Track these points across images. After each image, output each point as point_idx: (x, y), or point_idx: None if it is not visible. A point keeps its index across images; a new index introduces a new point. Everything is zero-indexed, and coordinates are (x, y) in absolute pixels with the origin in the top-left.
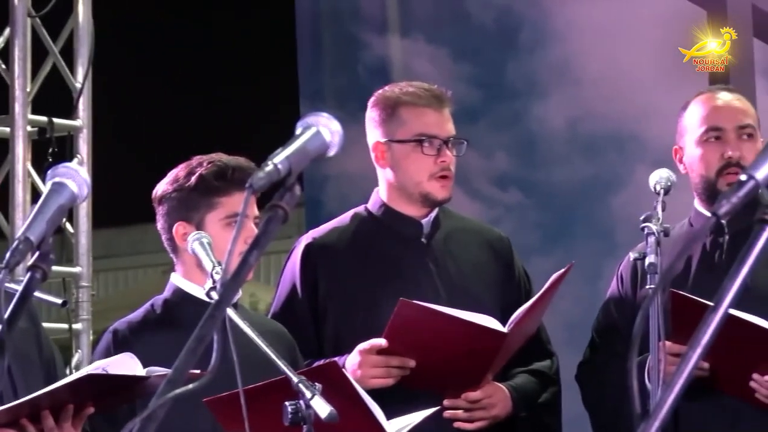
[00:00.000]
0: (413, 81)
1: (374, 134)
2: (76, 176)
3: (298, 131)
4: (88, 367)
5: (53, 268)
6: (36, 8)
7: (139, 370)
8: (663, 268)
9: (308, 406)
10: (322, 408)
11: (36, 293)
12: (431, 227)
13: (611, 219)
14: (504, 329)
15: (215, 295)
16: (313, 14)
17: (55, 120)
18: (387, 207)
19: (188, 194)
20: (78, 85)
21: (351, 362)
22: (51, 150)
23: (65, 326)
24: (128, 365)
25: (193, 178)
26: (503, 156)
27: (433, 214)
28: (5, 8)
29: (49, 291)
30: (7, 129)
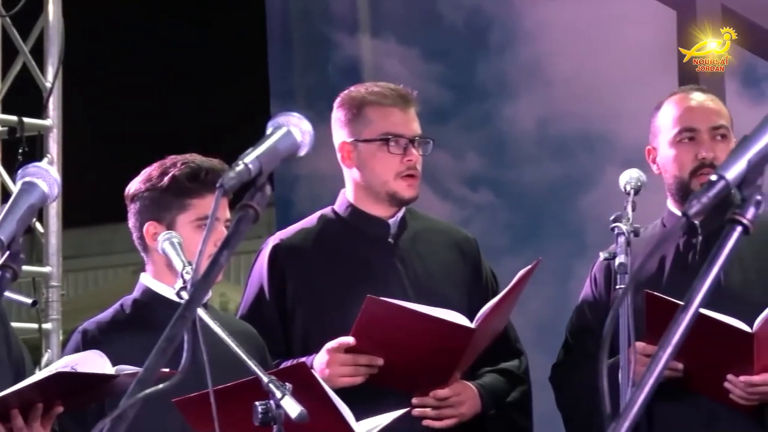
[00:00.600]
0: (383, 81)
1: (340, 134)
2: (47, 176)
3: (269, 131)
4: (57, 365)
5: (23, 268)
6: (6, 8)
7: (108, 368)
8: (633, 269)
9: (278, 406)
10: (293, 408)
11: (6, 293)
12: (398, 227)
13: (581, 219)
14: (472, 325)
15: (185, 295)
16: (284, 14)
17: (26, 119)
18: (354, 207)
19: (160, 194)
20: (48, 85)
21: (319, 361)
22: (21, 150)
23: (35, 326)
24: (97, 363)
25: (166, 179)
26: (473, 156)
27: (400, 215)
28: None
29: (19, 291)
30: None
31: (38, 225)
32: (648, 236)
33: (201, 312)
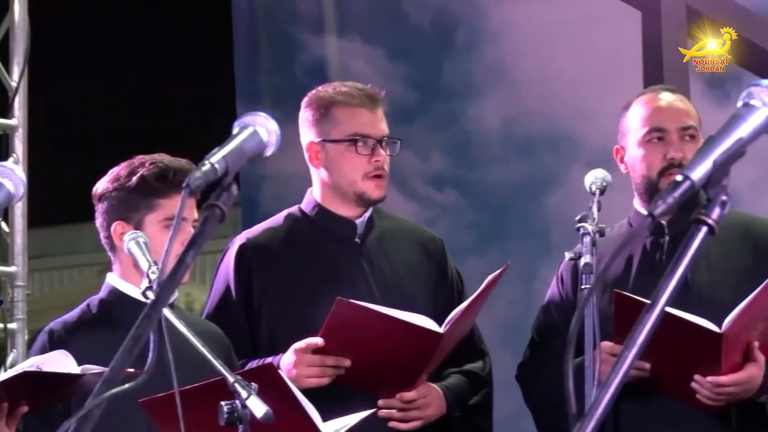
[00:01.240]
0: (350, 81)
1: (308, 134)
2: (12, 175)
3: (235, 131)
4: (23, 365)
5: None
6: None
7: (74, 368)
8: (599, 269)
9: (244, 406)
10: (258, 408)
11: None
12: (365, 227)
13: (546, 219)
14: (440, 329)
15: (151, 295)
16: (250, 14)
17: None
18: (321, 207)
19: (128, 194)
20: (14, 84)
21: (286, 361)
22: None
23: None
24: (63, 363)
25: (134, 179)
26: (439, 156)
27: (367, 215)
28: None
29: None
30: None
31: (3, 224)
32: (614, 236)
33: (167, 312)
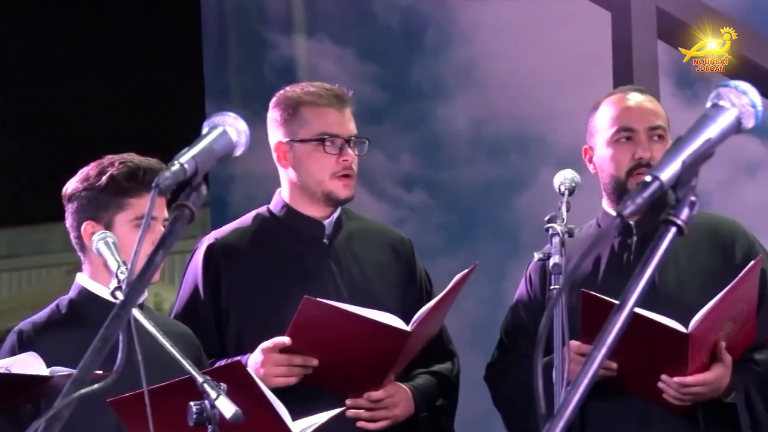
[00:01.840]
0: (318, 81)
1: (276, 134)
2: None
3: (205, 131)
4: None
5: None
6: None
7: (43, 370)
8: (567, 269)
9: (213, 406)
10: (227, 408)
11: None
12: (333, 228)
13: (516, 220)
14: (407, 328)
15: (120, 295)
16: (219, 13)
17: None
18: (289, 207)
19: (98, 194)
20: None
21: (254, 361)
22: None
23: None
24: (32, 365)
25: (104, 178)
26: (408, 157)
27: (335, 215)
28: None
29: None
30: None
31: None
32: (583, 236)
33: (136, 312)
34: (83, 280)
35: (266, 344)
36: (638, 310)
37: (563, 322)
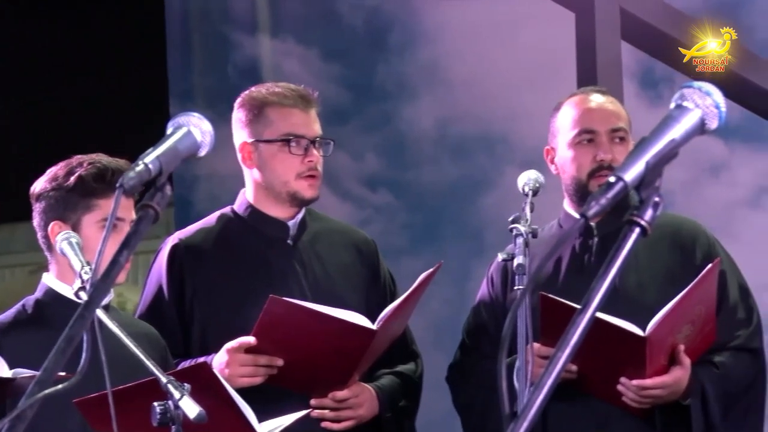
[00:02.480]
0: (283, 81)
1: (241, 135)
2: None
3: (169, 131)
4: None
5: None
6: None
7: (5, 372)
8: (531, 270)
9: (177, 407)
10: (191, 408)
11: None
12: (297, 229)
13: (480, 220)
14: (373, 326)
15: (84, 296)
16: (183, 14)
17: None
18: (253, 208)
19: (66, 194)
20: None
21: (219, 361)
22: None
23: None
24: None
25: (72, 179)
26: (373, 157)
27: (300, 216)
28: None
29: None
30: None
31: None
32: (545, 237)
33: (100, 312)
34: (49, 280)
35: (231, 344)
36: (597, 314)
37: (527, 323)
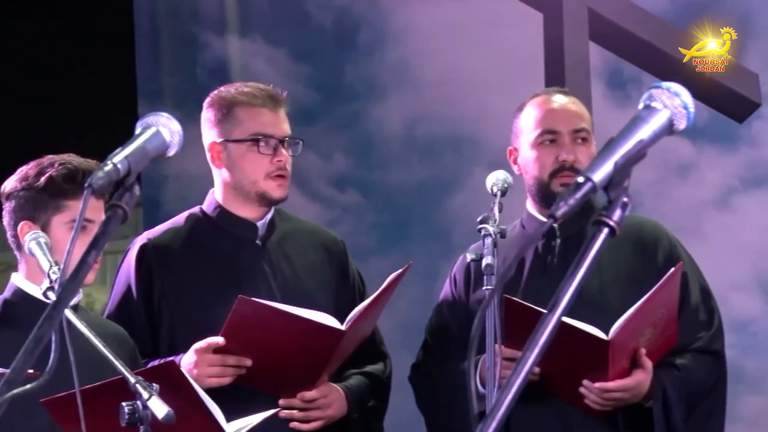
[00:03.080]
0: (252, 81)
1: (210, 134)
2: None
3: (138, 131)
4: None
5: None
6: None
7: None
8: (500, 270)
9: (145, 407)
10: (159, 408)
11: None
12: (266, 229)
13: (448, 220)
14: (342, 327)
15: (52, 296)
16: (152, 13)
17: None
18: (222, 208)
19: (36, 194)
20: None
21: (187, 361)
22: None
23: None
24: None
25: (43, 179)
26: (341, 157)
27: (269, 216)
28: None
29: None
30: None
31: None
32: (512, 237)
33: (68, 312)
34: (18, 280)
35: (200, 344)
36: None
37: (496, 324)
